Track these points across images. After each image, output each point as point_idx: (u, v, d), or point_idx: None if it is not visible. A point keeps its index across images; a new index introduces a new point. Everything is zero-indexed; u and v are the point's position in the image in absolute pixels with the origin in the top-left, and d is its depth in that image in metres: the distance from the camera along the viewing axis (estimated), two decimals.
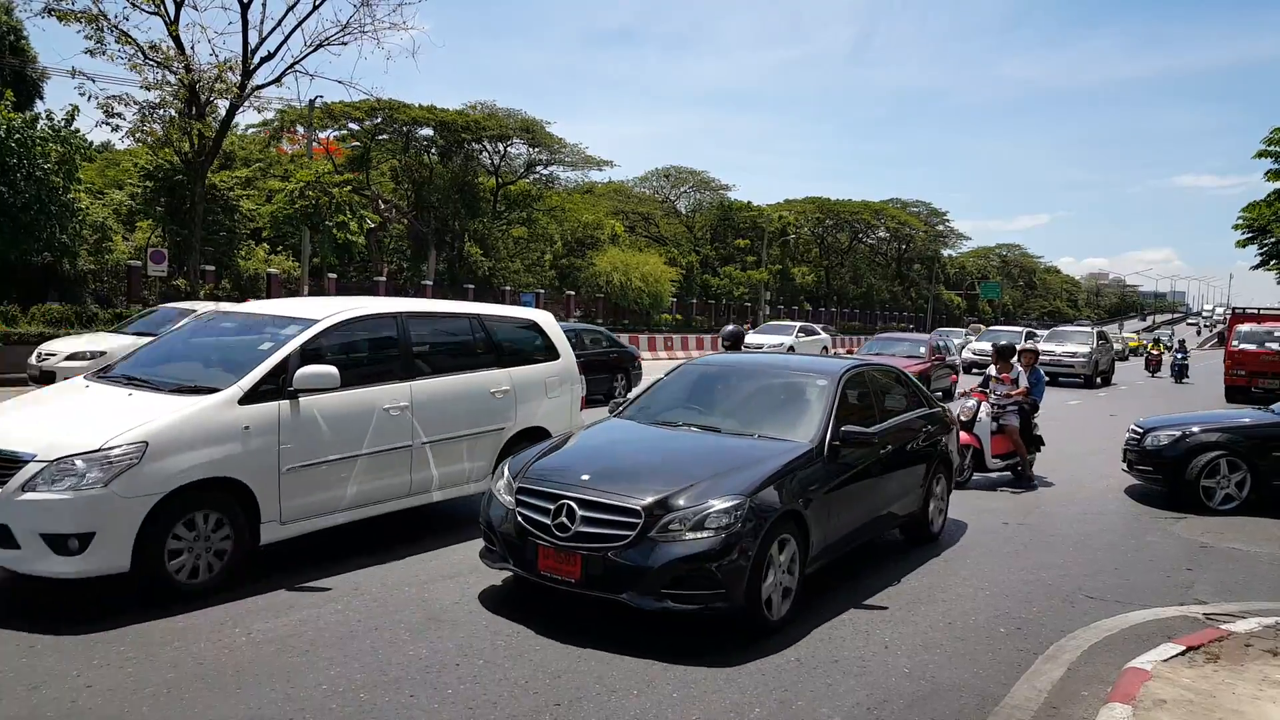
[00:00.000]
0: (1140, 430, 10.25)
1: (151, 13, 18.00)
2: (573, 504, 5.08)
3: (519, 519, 5.28)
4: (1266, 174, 32.44)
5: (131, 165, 30.34)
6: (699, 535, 4.92)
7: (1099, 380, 27.82)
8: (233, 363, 6.05)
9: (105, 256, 25.79)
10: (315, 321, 6.33)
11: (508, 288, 42.85)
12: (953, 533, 8.04)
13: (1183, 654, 5.11)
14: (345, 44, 20.22)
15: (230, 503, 5.54)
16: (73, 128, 20.73)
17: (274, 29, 19.82)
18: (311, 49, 19.76)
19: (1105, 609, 6.12)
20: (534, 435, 7.57)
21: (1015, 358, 10.91)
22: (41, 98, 28.65)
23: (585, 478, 5.32)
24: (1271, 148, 31.31)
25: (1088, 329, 31.17)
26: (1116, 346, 44.55)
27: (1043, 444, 11.06)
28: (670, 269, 49.99)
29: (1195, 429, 9.82)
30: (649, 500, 5.01)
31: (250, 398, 5.69)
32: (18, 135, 19.12)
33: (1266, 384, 22.08)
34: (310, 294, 30.89)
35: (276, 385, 5.81)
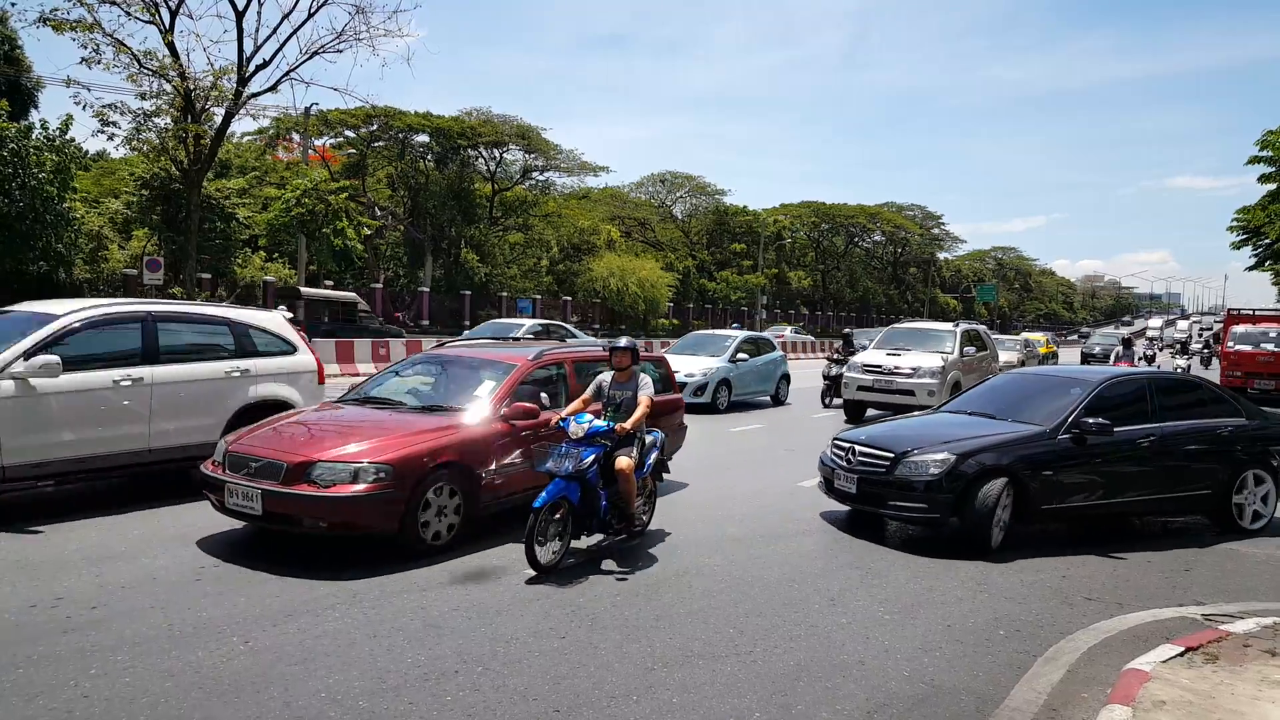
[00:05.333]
0: (890, 454, 7.69)
1: (146, 21, 18.00)
2: None
3: None
4: (1260, 176, 32.54)
5: (127, 174, 30.34)
6: None
7: None
8: None
9: (101, 265, 25.82)
10: None
11: (504, 293, 42.89)
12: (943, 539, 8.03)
13: (1182, 655, 5.12)
14: (340, 51, 20.28)
15: None
16: (68, 137, 20.73)
17: (269, 37, 19.86)
18: (307, 57, 19.80)
19: (1104, 610, 6.13)
20: None
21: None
22: (36, 107, 28.64)
23: None
24: (1263, 152, 31.38)
25: (947, 327, 18.45)
26: (1010, 357, 25.65)
27: None
28: (667, 274, 50.17)
29: (969, 449, 7.57)
30: None
31: None
32: (12, 145, 19.13)
33: (1262, 385, 22.24)
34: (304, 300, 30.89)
35: None
